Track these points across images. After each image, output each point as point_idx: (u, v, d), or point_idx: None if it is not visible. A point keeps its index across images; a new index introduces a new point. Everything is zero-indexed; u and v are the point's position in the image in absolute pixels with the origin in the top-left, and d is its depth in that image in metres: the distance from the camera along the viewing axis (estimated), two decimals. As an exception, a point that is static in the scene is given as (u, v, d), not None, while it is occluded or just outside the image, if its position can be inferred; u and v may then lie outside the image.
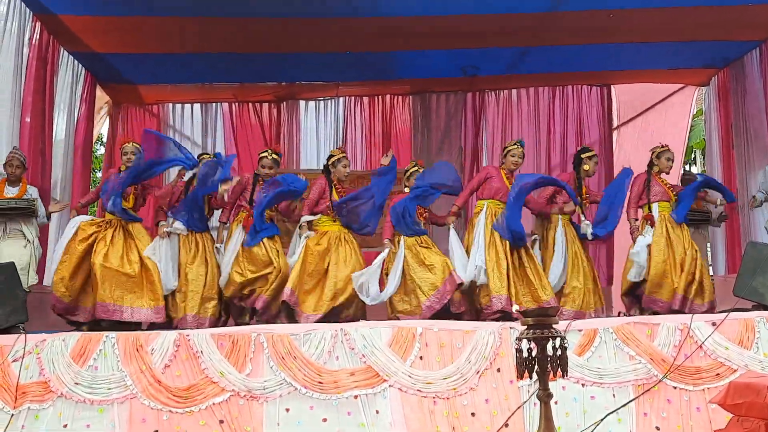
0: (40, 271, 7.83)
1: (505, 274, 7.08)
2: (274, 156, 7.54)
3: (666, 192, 7.57)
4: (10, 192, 7.17)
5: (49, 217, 7.51)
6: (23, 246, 7.07)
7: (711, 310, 7.15)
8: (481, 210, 7.38)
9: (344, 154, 7.63)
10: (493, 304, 7.01)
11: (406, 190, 7.47)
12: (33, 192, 7.31)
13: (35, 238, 7.18)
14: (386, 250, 7.17)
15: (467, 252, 7.27)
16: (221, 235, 7.50)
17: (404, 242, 7.14)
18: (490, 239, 7.20)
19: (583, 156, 7.77)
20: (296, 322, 6.87)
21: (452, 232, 7.38)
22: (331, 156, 7.61)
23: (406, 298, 7.06)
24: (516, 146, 7.60)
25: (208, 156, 7.61)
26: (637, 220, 7.62)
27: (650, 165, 7.72)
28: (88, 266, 6.99)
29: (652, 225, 7.42)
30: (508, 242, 7.16)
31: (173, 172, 10.65)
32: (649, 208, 7.53)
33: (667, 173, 7.75)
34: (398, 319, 6.85)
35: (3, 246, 7.01)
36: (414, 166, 7.61)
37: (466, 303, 7.27)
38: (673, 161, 7.76)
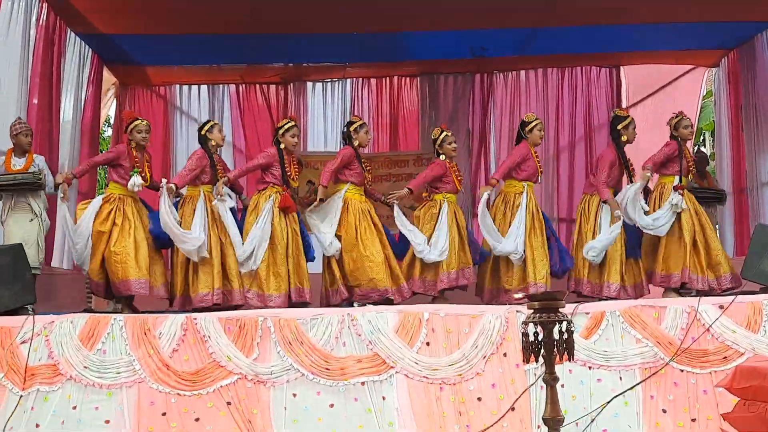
0: (48, 247, 7.83)
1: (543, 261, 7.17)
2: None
3: (688, 168, 7.43)
4: (17, 164, 7.03)
5: (56, 187, 7.43)
6: (29, 221, 6.97)
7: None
8: (522, 192, 7.31)
9: (364, 121, 7.60)
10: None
11: (442, 157, 7.49)
12: (40, 161, 7.15)
13: (42, 210, 7.07)
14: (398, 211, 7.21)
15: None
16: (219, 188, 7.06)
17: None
18: (531, 225, 7.21)
19: (619, 128, 7.57)
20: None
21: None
22: (351, 123, 7.50)
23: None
24: (538, 120, 7.56)
25: (215, 123, 7.51)
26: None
27: (672, 137, 7.55)
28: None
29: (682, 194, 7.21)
30: (545, 226, 7.28)
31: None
32: (680, 180, 7.34)
33: (690, 139, 7.64)
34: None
35: (10, 221, 6.93)
36: (442, 132, 7.59)
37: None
38: (692, 126, 7.66)
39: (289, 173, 7.22)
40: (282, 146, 7.24)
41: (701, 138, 17.75)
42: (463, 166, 10.30)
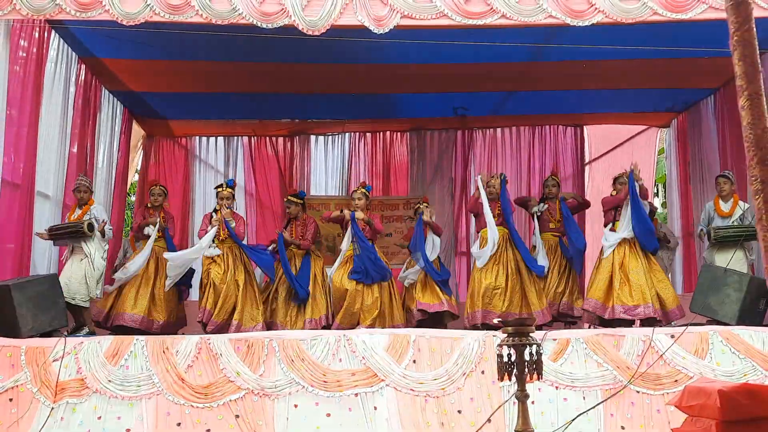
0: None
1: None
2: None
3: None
4: (75, 214, 7.22)
5: (111, 231, 7.49)
6: (80, 260, 7.07)
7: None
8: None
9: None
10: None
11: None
12: (95, 211, 7.29)
13: (94, 251, 7.13)
14: None
15: None
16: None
17: None
18: None
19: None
20: None
21: None
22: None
23: None
24: (493, 178, 7.80)
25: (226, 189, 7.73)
26: None
27: None
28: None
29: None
30: None
31: None
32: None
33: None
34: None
35: (68, 262, 7.10)
36: (418, 203, 8.15)
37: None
38: (614, 183, 7.88)
39: None
40: None
41: (655, 190, 17.93)
42: (446, 210, 10.42)
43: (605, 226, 7.71)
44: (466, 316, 7.40)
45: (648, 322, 6.97)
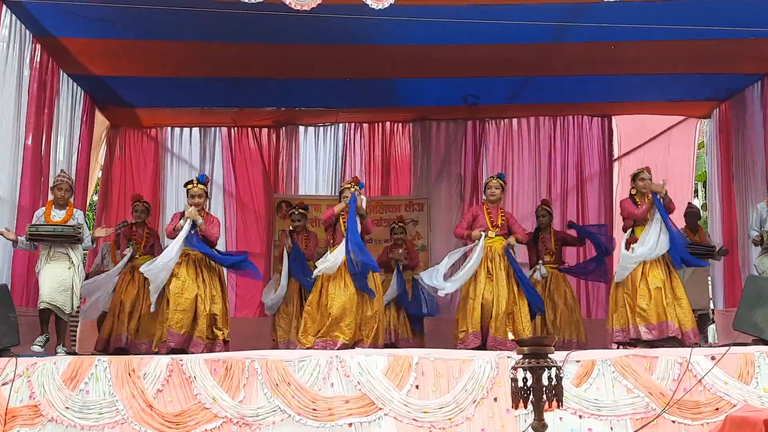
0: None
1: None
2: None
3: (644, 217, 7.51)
4: (57, 215, 7.22)
5: (94, 241, 7.50)
6: (67, 268, 7.09)
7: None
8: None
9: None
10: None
11: None
12: (79, 216, 7.35)
13: (80, 261, 7.21)
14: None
15: None
16: None
17: None
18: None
19: None
20: None
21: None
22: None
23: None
24: (492, 179, 7.93)
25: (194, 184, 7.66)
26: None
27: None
28: None
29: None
30: None
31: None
32: (632, 233, 7.57)
33: (645, 192, 7.62)
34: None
35: (47, 268, 7.06)
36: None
37: None
38: (650, 179, 7.70)
39: None
40: None
41: (694, 189, 17.91)
42: (453, 212, 10.42)
43: (624, 231, 7.72)
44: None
45: (668, 342, 7.00)
